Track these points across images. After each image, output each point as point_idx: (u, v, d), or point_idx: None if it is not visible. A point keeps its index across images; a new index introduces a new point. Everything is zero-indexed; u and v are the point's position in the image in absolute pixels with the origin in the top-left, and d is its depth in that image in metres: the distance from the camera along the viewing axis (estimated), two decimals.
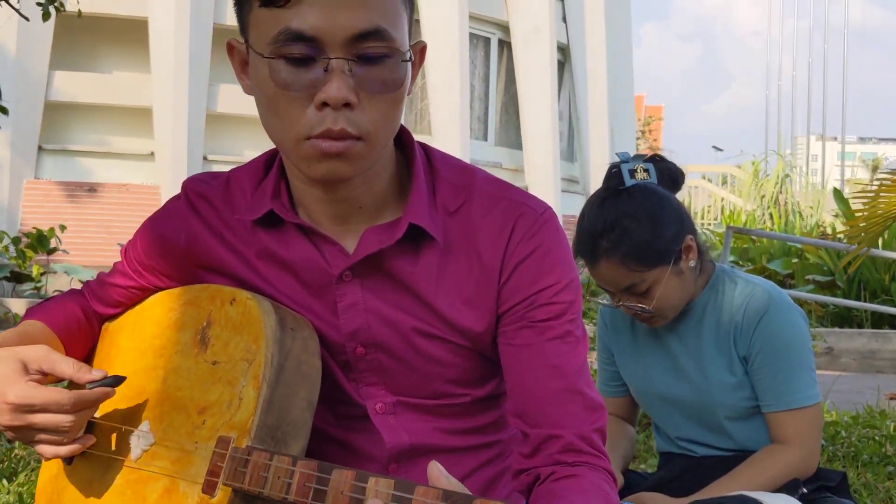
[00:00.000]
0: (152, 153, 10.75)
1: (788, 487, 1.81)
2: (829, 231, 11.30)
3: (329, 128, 1.02)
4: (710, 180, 18.75)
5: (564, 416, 1.13)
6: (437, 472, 0.87)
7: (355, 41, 1.01)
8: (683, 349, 1.96)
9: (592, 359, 3.15)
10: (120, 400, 1.22)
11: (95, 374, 1.13)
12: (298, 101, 1.03)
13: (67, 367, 1.12)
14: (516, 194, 1.20)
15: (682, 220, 1.89)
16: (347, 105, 1.02)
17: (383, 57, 1.03)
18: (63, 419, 1.09)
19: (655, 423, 2.10)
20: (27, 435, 1.11)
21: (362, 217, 1.16)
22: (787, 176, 16.31)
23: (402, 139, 1.21)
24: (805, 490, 1.83)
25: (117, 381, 1.15)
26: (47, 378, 1.14)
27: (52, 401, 1.08)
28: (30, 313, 1.29)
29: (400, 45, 1.04)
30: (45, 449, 1.13)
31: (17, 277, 8.39)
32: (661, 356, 1.99)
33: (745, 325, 1.88)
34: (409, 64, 1.08)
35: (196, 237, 1.22)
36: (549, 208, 1.20)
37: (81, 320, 1.30)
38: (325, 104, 1.02)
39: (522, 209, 1.17)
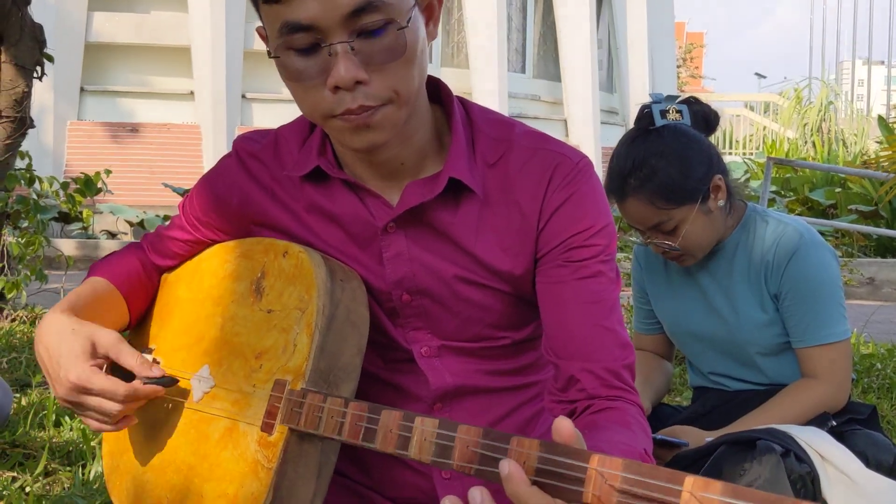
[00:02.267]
0: (192, 92, 10.82)
1: (818, 421, 1.87)
2: (872, 160, 11.13)
3: (348, 108, 1.07)
4: (752, 108, 18.46)
5: (595, 350, 1.18)
6: (567, 427, 0.86)
7: (351, 18, 1.03)
8: (716, 287, 2.01)
9: (628, 293, 3.20)
10: (180, 347, 1.31)
11: (155, 371, 1.21)
12: (314, 88, 1.08)
13: (132, 359, 1.20)
14: (553, 145, 1.24)
15: (710, 161, 1.92)
16: (359, 82, 1.05)
17: (383, 27, 1.04)
18: (113, 406, 1.18)
19: (689, 359, 2.16)
20: (78, 409, 1.21)
21: (405, 172, 1.21)
22: (830, 103, 16.02)
23: (441, 95, 1.25)
24: (834, 423, 1.89)
25: (172, 381, 1.23)
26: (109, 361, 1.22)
27: (107, 389, 1.17)
28: (95, 269, 1.37)
29: (397, 10, 1.05)
30: (91, 423, 1.22)
31: (65, 218, 8.57)
32: (694, 295, 2.04)
33: (775, 264, 1.92)
34: (413, 25, 1.07)
35: (248, 195, 1.28)
36: (586, 157, 1.25)
37: (141, 275, 1.38)
38: (337, 87, 1.06)
39: (559, 159, 1.22)
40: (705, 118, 1.98)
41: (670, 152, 1.87)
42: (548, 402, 1.23)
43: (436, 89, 1.25)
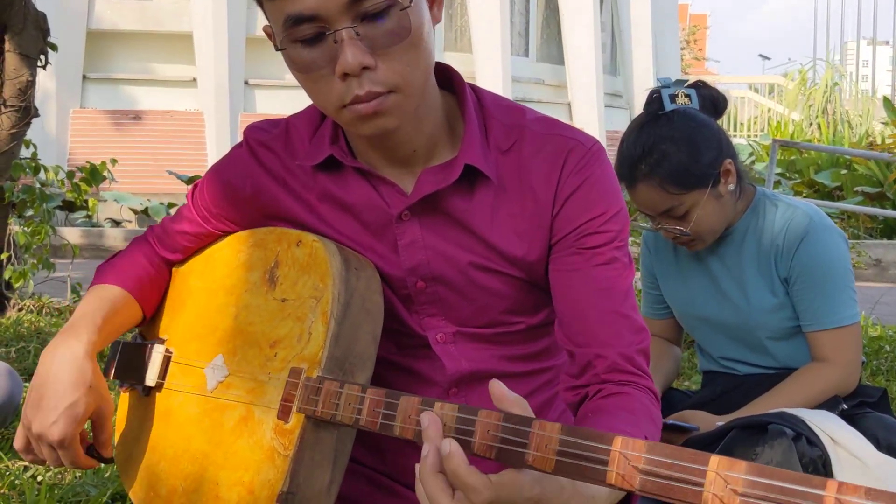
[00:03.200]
0: (194, 79, 10.80)
1: (828, 404, 1.87)
2: (878, 141, 11.09)
3: (356, 94, 1.07)
4: (756, 90, 18.40)
5: (610, 336, 1.18)
6: (500, 389, 0.94)
7: (354, 4, 1.03)
8: (725, 272, 2.01)
9: (638, 277, 3.20)
10: (193, 337, 1.31)
11: (106, 454, 1.28)
12: (324, 78, 1.08)
13: (102, 435, 1.26)
14: (566, 130, 1.25)
15: (720, 145, 1.92)
16: (367, 68, 1.06)
17: (386, 9, 1.05)
18: (56, 462, 1.23)
19: (698, 343, 2.16)
20: (32, 446, 1.24)
21: (418, 159, 1.21)
22: (835, 84, 15.96)
23: (453, 82, 1.25)
24: (845, 406, 1.89)
25: (110, 462, 1.31)
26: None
27: (70, 459, 1.22)
28: (102, 275, 1.36)
29: None
30: (19, 441, 1.25)
31: (70, 206, 8.58)
32: (704, 279, 2.04)
33: (785, 247, 1.92)
34: (416, 7, 1.07)
35: (260, 185, 1.28)
36: (598, 142, 1.25)
37: (151, 273, 1.38)
38: (346, 74, 1.06)
39: (572, 144, 1.22)
40: (713, 102, 1.97)
41: (680, 137, 1.87)
42: (561, 390, 1.23)
43: (447, 76, 1.25)
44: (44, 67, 3.86)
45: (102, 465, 1.28)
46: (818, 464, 1.68)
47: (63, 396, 1.19)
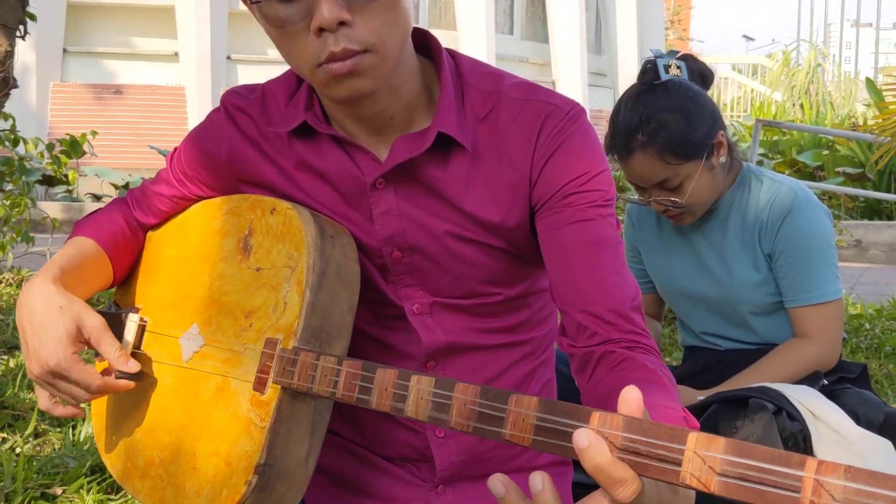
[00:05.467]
0: (176, 53, 10.70)
1: (809, 379, 1.87)
2: (860, 122, 11.13)
3: (332, 51, 1.04)
4: (740, 71, 18.41)
5: (601, 293, 1.14)
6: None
7: None
8: (708, 247, 2.00)
9: None
10: (168, 305, 1.29)
11: (131, 366, 1.20)
12: (298, 35, 1.05)
13: (111, 351, 1.20)
14: (543, 95, 1.21)
15: (714, 116, 1.91)
16: (343, 24, 1.03)
17: None
18: (82, 395, 1.19)
19: (680, 318, 2.15)
20: (46, 388, 1.21)
21: (394, 127, 1.19)
22: (818, 65, 16.00)
23: (430, 48, 1.23)
24: (826, 382, 1.89)
25: (139, 377, 1.24)
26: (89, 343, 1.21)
27: (83, 380, 1.17)
28: (79, 228, 1.34)
29: None
30: (42, 401, 1.23)
31: (50, 181, 8.50)
32: (687, 254, 2.03)
33: (769, 223, 1.91)
34: None
35: (236, 150, 1.26)
36: (578, 105, 1.21)
37: (126, 233, 1.36)
38: (321, 29, 1.03)
39: (549, 109, 1.19)
40: (702, 75, 1.96)
41: (678, 107, 1.85)
42: (567, 349, 1.19)
43: (424, 42, 1.22)
44: (23, 38, 3.78)
45: (135, 381, 1.22)
46: (798, 438, 1.68)
47: (40, 328, 1.17)
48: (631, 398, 0.78)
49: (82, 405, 1.24)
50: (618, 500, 0.75)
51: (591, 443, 0.75)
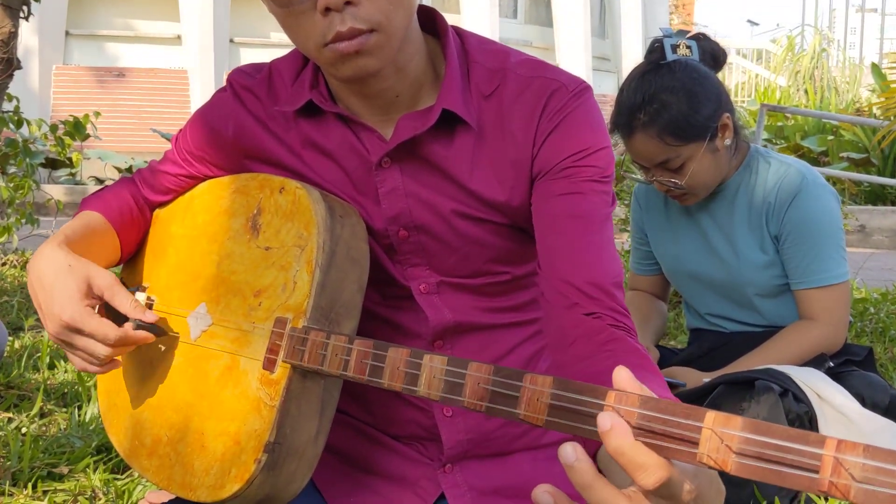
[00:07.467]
0: (179, 37, 10.69)
1: (815, 362, 1.87)
2: (864, 107, 11.09)
3: (338, 30, 1.04)
4: (744, 56, 18.33)
5: (584, 265, 1.13)
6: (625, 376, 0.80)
7: None
8: (715, 228, 2.00)
9: (625, 239, 3.19)
10: (175, 284, 1.29)
11: (148, 316, 1.19)
12: (304, 14, 1.05)
13: (126, 303, 1.19)
14: (550, 72, 1.21)
15: (720, 98, 1.90)
16: (349, 3, 1.03)
17: None
18: (102, 349, 1.17)
19: (686, 300, 2.15)
20: (67, 347, 1.20)
21: (400, 106, 1.18)
22: (823, 50, 15.92)
23: (436, 25, 1.22)
24: (831, 364, 1.90)
25: (162, 332, 1.23)
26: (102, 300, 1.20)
27: (99, 331, 1.15)
28: (87, 203, 1.34)
29: None
30: (76, 361, 1.21)
31: (53, 164, 8.50)
32: (694, 235, 2.03)
33: (777, 204, 1.91)
34: None
35: (243, 128, 1.26)
36: (584, 83, 1.21)
37: (134, 210, 1.36)
38: (328, 9, 1.03)
39: (555, 86, 1.19)
40: (713, 55, 1.95)
41: (681, 88, 1.85)
42: (544, 321, 1.17)
43: (430, 19, 1.22)
44: (26, 19, 3.78)
45: (157, 334, 1.21)
46: (804, 419, 1.68)
47: (50, 287, 1.17)
48: (620, 377, 0.77)
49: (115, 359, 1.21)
50: (642, 487, 0.73)
51: (614, 425, 0.73)
